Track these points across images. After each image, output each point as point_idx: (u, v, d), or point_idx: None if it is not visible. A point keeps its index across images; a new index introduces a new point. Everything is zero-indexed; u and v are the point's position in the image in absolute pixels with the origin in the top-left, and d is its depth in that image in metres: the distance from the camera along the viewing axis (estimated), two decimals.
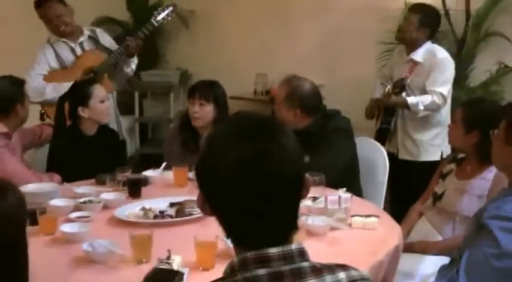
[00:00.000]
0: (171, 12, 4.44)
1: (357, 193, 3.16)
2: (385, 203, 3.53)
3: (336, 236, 2.56)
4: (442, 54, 4.21)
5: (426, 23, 4.22)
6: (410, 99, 4.08)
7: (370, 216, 2.67)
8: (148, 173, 3.44)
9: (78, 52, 4.32)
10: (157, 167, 3.51)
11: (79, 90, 3.66)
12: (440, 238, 3.10)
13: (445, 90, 4.07)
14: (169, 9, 4.44)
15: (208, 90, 3.66)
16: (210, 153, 1.33)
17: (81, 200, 2.91)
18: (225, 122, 1.40)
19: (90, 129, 3.64)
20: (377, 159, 3.65)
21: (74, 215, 2.76)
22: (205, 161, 1.33)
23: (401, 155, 4.30)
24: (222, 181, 1.28)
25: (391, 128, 4.33)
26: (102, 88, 3.69)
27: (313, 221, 2.59)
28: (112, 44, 4.51)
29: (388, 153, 3.78)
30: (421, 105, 4.06)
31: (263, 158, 1.26)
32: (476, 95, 4.72)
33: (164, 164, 3.50)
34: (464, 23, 5.11)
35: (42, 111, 4.29)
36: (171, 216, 2.76)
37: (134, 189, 3.11)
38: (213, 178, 1.30)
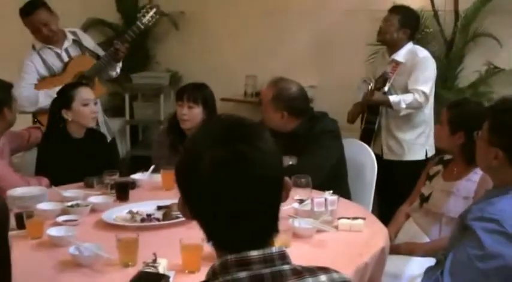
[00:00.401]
0: (155, 13, 4.43)
1: (344, 195, 3.16)
2: (373, 205, 3.54)
3: (322, 238, 2.56)
4: (423, 53, 4.23)
5: (406, 24, 4.24)
6: (393, 98, 4.10)
7: (356, 219, 2.67)
8: (137, 176, 3.43)
9: (65, 58, 4.28)
10: (147, 169, 3.50)
11: (62, 93, 3.65)
12: (427, 239, 3.11)
13: (426, 88, 4.09)
14: (153, 10, 4.43)
15: (197, 92, 3.66)
16: (188, 155, 1.34)
17: (69, 204, 2.91)
18: (203, 125, 1.41)
19: (77, 132, 3.62)
20: (365, 161, 3.66)
21: (61, 218, 2.75)
22: (184, 164, 1.34)
23: (386, 156, 4.31)
24: (199, 183, 1.29)
25: (375, 128, 4.34)
26: (87, 91, 3.65)
27: (299, 224, 2.60)
28: (94, 46, 4.49)
29: None
30: (403, 104, 4.07)
31: (239, 159, 1.27)
32: (465, 96, 4.74)
33: (152, 167, 3.50)
34: (453, 24, 5.14)
35: (36, 120, 4.23)
36: (158, 220, 2.76)
37: (122, 192, 3.11)
38: (191, 180, 1.31)
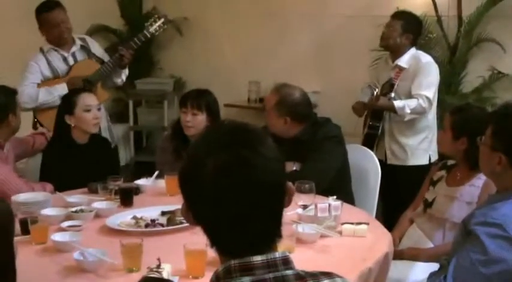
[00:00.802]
0: (163, 23, 4.45)
1: (348, 200, 3.17)
2: (376, 210, 3.54)
3: (326, 244, 2.57)
4: (426, 58, 4.24)
5: (409, 29, 4.24)
6: (397, 103, 4.10)
7: (360, 224, 2.67)
8: (141, 182, 3.44)
9: (71, 62, 4.31)
10: (150, 175, 3.50)
11: (65, 98, 3.67)
12: (431, 245, 3.10)
13: (430, 93, 4.09)
14: (161, 20, 4.44)
15: (201, 99, 3.65)
16: (191, 161, 1.34)
17: (73, 209, 2.92)
18: (205, 131, 1.42)
19: (81, 138, 3.62)
20: (369, 166, 3.66)
21: (65, 224, 2.76)
22: (187, 169, 1.34)
23: (389, 160, 4.31)
24: (202, 189, 1.29)
25: (379, 133, 4.34)
26: (89, 97, 3.65)
27: (303, 229, 2.61)
28: (102, 53, 4.51)
29: None
30: (408, 109, 4.07)
31: (242, 164, 1.27)
32: (469, 101, 4.73)
33: (156, 173, 3.50)
34: (457, 29, 5.14)
35: (36, 120, 4.28)
36: (162, 225, 2.77)
37: (126, 197, 3.11)
38: (194, 186, 1.31)
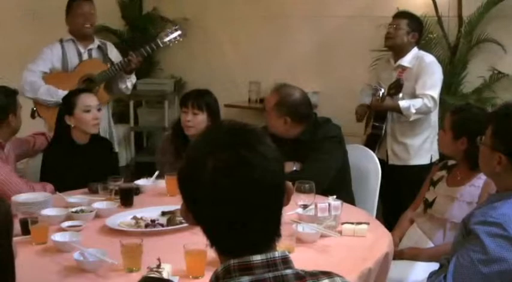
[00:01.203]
0: (179, 36, 4.45)
1: (348, 200, 3.17)
2: (377, 210, 3.54)
3: (326, 244, 2.57)
4: (429, 58, 4.24)
5: (414, 27, 4.25)
6: (402, 103, 4.09)
7: (360, 224, 2.67)
8: (141, 182, 3.44)
9: (85, 57, 4.36)
10: (151, 175, 3.51)
11: (66, 99, 3.67)
12: (431, 245, 3.10)
13: (434, 93, 4.09)
14: (177, 32, 4.45)
15: (201, 99, 3.66)
16: (190, 161, 1.34)
17: (73, 210, 2.92)
18: (205, 131, 1.42)
19: (82, 139, 3.62)
20: (369, 166, 3.66)
21: (65, 224, 2.76)
22: (186, 169, 1.34)
23: (390, 161, 4.31)
24: (201, 189, 1.29)
25: (382, 133, 4.33)
26: (89, 97, 3.64)
27: (303, 229, 2.61)
28: (117, 59, 4.51)
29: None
30: (413, 109, 4.07)
31: (241, 164, 1.27)
32: (469, 101, 4.73)
33: (157, 173, 3.50)
34: (457, 29, 5.14)
35: (34, 108, 4.28)
36: (162, 225, 2.77)
37: (126, 198, 3.12)
38: (194, 186, 1.31)
